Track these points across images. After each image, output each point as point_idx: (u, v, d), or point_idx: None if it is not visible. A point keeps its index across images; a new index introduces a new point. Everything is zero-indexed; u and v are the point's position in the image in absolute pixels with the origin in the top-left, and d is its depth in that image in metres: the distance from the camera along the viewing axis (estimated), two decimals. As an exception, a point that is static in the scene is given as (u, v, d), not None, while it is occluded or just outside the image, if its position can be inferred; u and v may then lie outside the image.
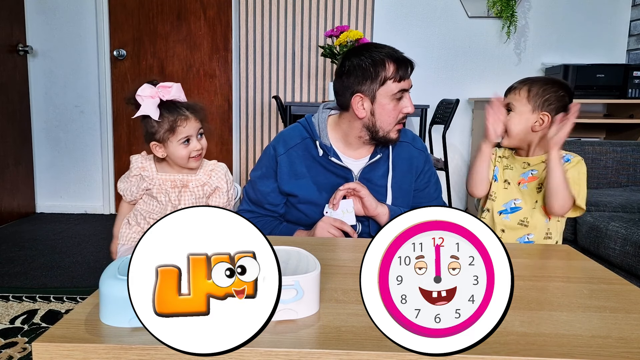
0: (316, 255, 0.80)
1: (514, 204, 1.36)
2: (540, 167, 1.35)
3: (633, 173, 2.51)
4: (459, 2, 3.29)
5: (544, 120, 1.31)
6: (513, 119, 1.33)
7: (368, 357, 0.60)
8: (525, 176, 1.37)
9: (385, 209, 1.35)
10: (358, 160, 1.40)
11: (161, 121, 1.24)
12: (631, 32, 3.26)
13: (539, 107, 1.31)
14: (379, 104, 1.31)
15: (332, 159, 1.36)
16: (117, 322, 0.66)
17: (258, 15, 3.34)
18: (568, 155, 1.35)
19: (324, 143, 1.38)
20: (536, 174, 1.36)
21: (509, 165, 1.41)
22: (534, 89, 1.32)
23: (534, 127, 1.32)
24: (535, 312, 0.74)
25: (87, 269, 2.37)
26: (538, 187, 1.34)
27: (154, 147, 1.29)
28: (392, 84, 1.29)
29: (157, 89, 1.24)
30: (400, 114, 1.33)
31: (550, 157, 1.23)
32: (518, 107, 1.33)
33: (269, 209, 1.44)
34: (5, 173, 3.21)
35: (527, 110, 1.32)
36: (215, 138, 3.52)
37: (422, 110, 2.68)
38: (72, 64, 3.43)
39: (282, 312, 0.68)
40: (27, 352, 1.54)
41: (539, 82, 1.33)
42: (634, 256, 1.71)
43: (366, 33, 3.33)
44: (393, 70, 1.29)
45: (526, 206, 1.35)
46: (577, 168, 1.31)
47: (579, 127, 3.32)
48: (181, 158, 1.29)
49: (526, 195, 1.35)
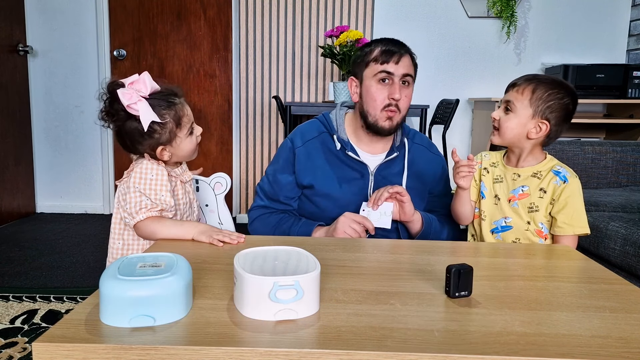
0: (316, 255, 0.80)
1: (505, 222, 1.27)
2: (532, 183, 1.25)
3: (633, 173, 2.51)
4: (459, 2, 3.28)
5: (542, 129, 1.22)
6: (510, 121, 1.23)
7: (368, 357, 0.60)
8: (516, 193, 1.27)
9: (419, 216, 1.35)
10: (374, 156, 1.42)
11: (165, 121, 1.11)
12: (631, 32, 3.26)
13: (539, 114, 1.21)
14: (365, 87, 1.35)
15: (349, 153, 1.37)
16: (117, 322, 0.66)
17: (258, 15, 3.34)
18: (564, 172, 1.25)
19: (342, 137, 1.39)
20: (527, 190, 1.25)
21: (499, 177, 1.31)
22: (539, 91, 1.20)
23: (529, 134, 1.23)
24: (535, 312, 0.74)
25: (87, 269, 2.37)
26: (530, 207, 1.25)
27: (161, 152, 1.14)
28: (374, 65, 1.33)
29: (132, 89, 1.07)
30: (387, 99, 1.32)
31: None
32: (518, 109, 1.22)
33: (284, 202, 1.43)
34: (5, 173, 3.21)
35: (527, 114, 1.22)
36: (215, 138, 3.52)
37: (422, 110, 2.68)
38: (72, 64, 3.43)
39: (282, 312, 0.68)
40: (27, 352, 1.54)
41: (545, 85, 1.21)
42: (634, 256, 1.71)
43: (366, 33, 3.33)
44: (377, 52, 1.33)
45: (517, 226, 1.26)
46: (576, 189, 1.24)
47: (579, 127, 3.32)
48: (190, 151, 1.18)
49: (518, 214, 1.26)
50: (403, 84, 1.34)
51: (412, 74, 1.36)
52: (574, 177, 1.25)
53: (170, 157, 1.16)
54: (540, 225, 1.25)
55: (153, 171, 1.12)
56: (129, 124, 1.11)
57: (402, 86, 1.34)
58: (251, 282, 0.68)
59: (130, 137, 1.13)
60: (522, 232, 1.26)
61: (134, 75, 1.10)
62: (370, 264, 0.95)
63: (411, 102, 1.40)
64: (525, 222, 1.26)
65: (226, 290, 0.79)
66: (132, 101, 1.06)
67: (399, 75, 1.32)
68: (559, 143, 2.52)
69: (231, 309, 0.72)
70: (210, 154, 3.52)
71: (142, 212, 1.08)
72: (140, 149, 1.15)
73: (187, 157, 1.20)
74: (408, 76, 1.34)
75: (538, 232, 1.25)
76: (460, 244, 1.20)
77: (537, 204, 1.25)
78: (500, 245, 1.17)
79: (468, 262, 0.82)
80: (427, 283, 0.85)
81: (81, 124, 3.50)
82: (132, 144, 1.14)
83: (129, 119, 1.10)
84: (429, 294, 0.80)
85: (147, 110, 1.07)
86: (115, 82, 1.09)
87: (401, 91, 1.33)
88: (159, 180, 1.12)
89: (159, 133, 1.12)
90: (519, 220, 1.26)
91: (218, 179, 1.42)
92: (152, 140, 1.12)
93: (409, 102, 1.37)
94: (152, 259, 0.76)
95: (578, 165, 2.51)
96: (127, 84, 1.08)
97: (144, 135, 1.11)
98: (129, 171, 1.17)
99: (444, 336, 0.65)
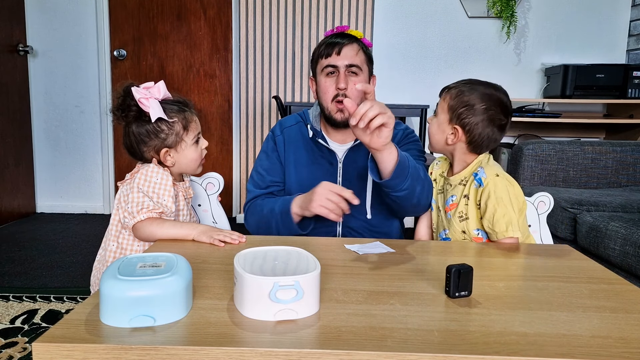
0: (316, 255, 0.80)
1: (445, 235, 1.24)
2: (457, 192, 1.21)
3: (633, 173, 2.51)
4: (459, 2, 3.28)
5: (455, 134, 1.18)
6: (432, 126, 1.23)
7: (368, 357, 0.60)
8: (448, 203, 1.23)
9: (394, 147, 1.20)
10: (342, 144, 1.45)
11: (172, 121, 1.12)
12: (631, 32, 3.26)
13: (455, 119, 1.18)
14: (318, 83, 1.40)
15: (319, 140, 1.42)
16: (117, 322, 0.66)
17: (258, 15, 3.34)
18: (481, 174, 1.16)
19: (314, 127, 1.44)
20: (455, 199, 1.21)
21: (441, 189, 1.29)
22: (456, 97, 1.18)
23: (447, 139, 1.20)
24: (535, 312, 0.74)
25: (87, 269, 2.37)
26: (460, 217, 1.20)
27: (165, 155, 1.15)
28: (321, 61, 1.37)
29: (146, 90, 1.11)
30: (335, 91, 1.34)
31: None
32: (439, 114, 1.22)
33: (273, 185, 1.45)
34: (5, 173, 3.21)
35: (445, 119, 1.20)
36: (215, 138, 3.52)
37: (422, 110, 2.68)
38: (72, 64, 3.43)
39: (282, 312, 0.68)
40: (27, 352, 1.54)
41: (465, 90, 1.18)
42: (634, 256, 1.71)
43: (366, 33, 3.33)
44: (322, 47, 1.37)
45: (454, 237, 1.22)
46: (492, 191, 1.13)
47: (579, 127, 3.32)
48: (194, 161, 1.18)
49: (452, 225, 1.22)
50: (351, 74, 1.34)
51: (358, 64, 1.34)
52: (492, 178, 1.15)
53: (173, 163, 1.16)
54: (476, 232, 1.20)
55: (159, 175, 1.12)
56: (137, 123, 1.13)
57: (350, 76, 1.34)
58: (251, 282, 0.68)
59: (137, 137, 1.14)
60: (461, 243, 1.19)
61: (149, 82, 1.13)
62: (370, 264, 0.95)
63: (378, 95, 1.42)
64: (461, 232, 1.21)
65: (226, 290, 0.79)
66: (144, 96, 1.09)
67: (342, 66, 1.33)
68: (559, 143, 2.52)
69: (231, 309, 0.72)
70: (210, 154, 3.52)
71: (142, 212, 1.08)
72: (145, 150, 1.15)
73: (191, 168, 1.20)
74: (353, 66, 1.33)
75: (476, 239, 1.20)
76: (461, 243, 1.20)
77: (465, 212, 1.20)
78: (501, 245, 1.17)
79: (468, 262, 0.82)
80: (427, 283, 0.85)
81: (81, 124, 3.51)
82: (138, 144, 1.15)
83: (138, 118, 1.12)
84: (429, 294, 0.80)
85: (157, 107, 1.10)
86: (131, 82, 1.12)
87: (348, 80, 1.33)
88: (163, 185, 1.12)
89: (165, 133, 1.13)
90: (454, 231, 1.22)
91: (210, 179, 1.43)
92: (158, 140, 1.13)
93: (359, 91, 1.32)
94: (152, 259, 0.76)
95: (578, 165, 2.51)
96: (141, 87, 1.11)
97: (150, 134, 1.12)
98: (132, 173, 1.17)
99: (444, 336, 0.65)
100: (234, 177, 3.53)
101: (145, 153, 1.16)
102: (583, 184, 2.53)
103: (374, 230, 1.39)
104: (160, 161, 1.17)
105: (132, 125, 1.14)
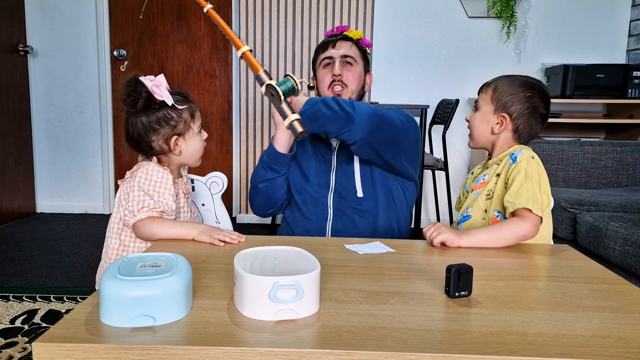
0: (316, 255, 0.80)
1: (467, 212, 1.27)
2: (491, 171, 1.26)
3: (633, 173, 2.51)
4: (459, 2, 3.28)
5: (502, 123, 1.24)
6: (476, 119, 1.28)
7: (368, 357, 0.60)
8: (478, 182, 1.28)
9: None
10: None
11: (182, 109, 1.15)
12: (631, 32, 3.26)
13: (500, 107, 1.24)
14: (317, 77, 1.54)
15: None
16: (117, 322, 0.66)
17: (258, 15, 3.34)
18: (517, 153, 1.20)
19: None
20: (487, 178, 1.26)
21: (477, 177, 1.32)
22: (500, 88, 1.25)
23: (493, 129, 1.26)
24: (535, 312, 0.74)
25: (87, 269, 2.37)
26: (487, 194, 1.24)
27: (174, 143, 1.17)
28: (319, 57, 1.53)
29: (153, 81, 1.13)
30: (330, 78, 1.47)
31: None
32: (482, 107, 1.27)
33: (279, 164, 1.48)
34: (5, 173, 3.21)
35: (490, 110, 1.26)
36: (215, 138, 3.52)
37: (422, 110, 2.67)
38: (72, 64, 3.43)
39: (282, 312, 0.68)
40: (27, 352, 1.54)
41: (506, 81, 1.25)
42: (634, 256, 1.71)
43: (366, 33, 3.33)
44: (319, 46, 1.54)
45: (475, 215, 1.25)
46: (524, 167, 1.16)
47: (579, 127, 3.32)
48: (198, 151, 1.21)
49: (477, 204, 1.26)
50: (346, 64, 1.48)
51: (352, 55, 1.48)
52: (526, 157, 1.18)
53: (181, 152, 1.18)
54: (496, 213, 1.23)
55: (159, 174, 1.13)
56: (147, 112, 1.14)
57: (345, 66, 1.48)
58: (251, 282, 0.68)
59: (146, 126, 1.14)
60: (480, 222, 1.24)
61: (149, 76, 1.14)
62: (370, 264, 0.95)
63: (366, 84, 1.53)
64: (483, 211, 1.25)
65: (226, 290, 0.79)
66: (155, 84, 1.11)
67: (337, 56, 1.48)
68: (559, 143, 2.52)
69: (231, 309, 0.72)
70: (210, 154, 3.52)
71: (143, 211, 1.08)
72: (154, 139, 1.16)
73: (195, 158, 1.22)
74: (348, 57, 1.48)
75: (493, 220, 1.22)
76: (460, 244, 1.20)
77: (492, 190, 1.23)
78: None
79: (468, 262, 0.82)
80: (427, 283, 0.85)
81: (81, 124, 3.50)
82: (147, 133, 1.15)
83: (147, 107, 1.13)
84: (429, 294, 0.80)
85: (168, 94, 1.13)
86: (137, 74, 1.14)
87: (343, 69, 1.47)
88: (164, 183, 1.13)
89: (175, 121, 1.15)
90: (477, 209, 1.25)
91: (214, 179, 1.43)
92: (169, 127, 1.15)
93: (354, 78, 1.48)
94: (152, 258, 0.76)
95: (578, 165, 2.51)
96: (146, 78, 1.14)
97: (161, 121, 1.14)
98: (132, 171, 1.17)
99: (444, 336, 0.65)
100: (234, 177, 3.52)
101: (154, 142, 1.16)
102: (583, 184, 2.53)
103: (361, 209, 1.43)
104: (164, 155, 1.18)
105: (141, 115, 1.14)
